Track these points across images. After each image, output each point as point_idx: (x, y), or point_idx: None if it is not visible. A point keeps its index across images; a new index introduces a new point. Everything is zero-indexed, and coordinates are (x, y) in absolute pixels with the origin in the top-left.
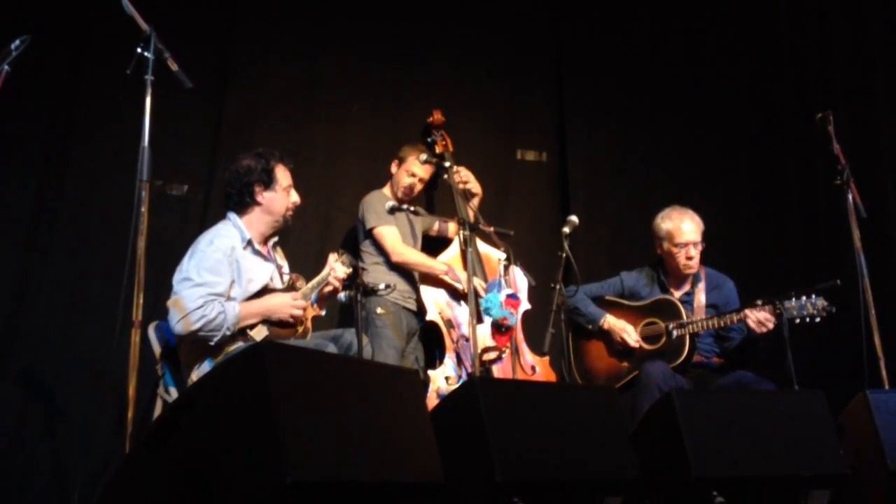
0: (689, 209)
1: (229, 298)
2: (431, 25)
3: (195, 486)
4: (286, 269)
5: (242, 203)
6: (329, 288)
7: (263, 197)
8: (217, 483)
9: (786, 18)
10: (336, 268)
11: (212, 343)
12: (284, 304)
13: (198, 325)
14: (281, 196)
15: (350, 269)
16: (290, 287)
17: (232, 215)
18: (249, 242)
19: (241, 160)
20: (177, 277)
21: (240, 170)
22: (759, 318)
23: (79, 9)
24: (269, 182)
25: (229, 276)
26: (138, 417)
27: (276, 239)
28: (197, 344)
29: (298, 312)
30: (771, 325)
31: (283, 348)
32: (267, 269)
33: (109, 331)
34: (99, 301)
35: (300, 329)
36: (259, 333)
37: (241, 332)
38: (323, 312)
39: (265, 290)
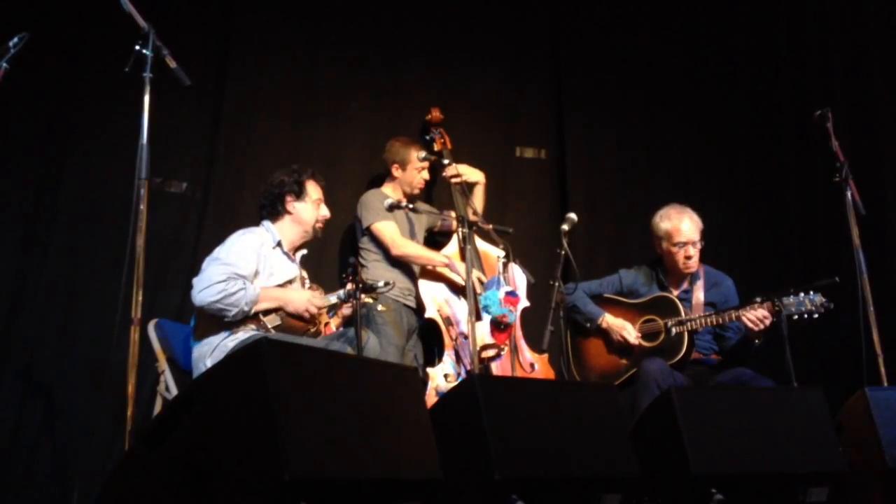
0: (688, 208)
1: None
2: (430, 23)
3: (194, 484)
4: (307, 282)
5: (274, 211)
6: (347, 307)
7: (294, 207)
8: (216, 480)
9: (784, 15)
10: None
11: (227, 318)
12: (302, 299)
13: (217, 297)
14: (310, 207)
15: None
16: None
17: (266, 222)
18: (279, 244)
19: (275, 175)
20: (206, 261)
21: (273, 182)
22: (756, 316)
23: (77, 6)
24: (299, 193)
25: (255, 264)
26: (138, 415)
27: (304, 251)
28: (214, 320)
29: (314, 310)
30: (767, 323)
31: (282, 346)
32: (291, 269)
33: (108, 329)
34: (98, 299)
35: (312, 329)
36: (272, 321)
37: (255, 317)
38: (318, 308)
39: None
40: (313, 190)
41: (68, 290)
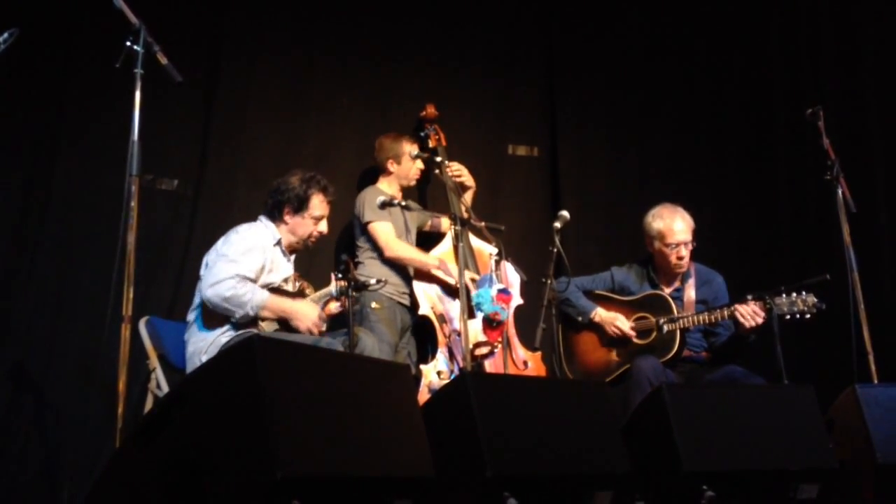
0: (680, 207)
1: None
2: (423, 20)
3: (185, 481)
4: (297, 279)
5: (272, 216)
6: (334, 305)
7: (291, 218)
8: (207, 478)
9: (776, 14)
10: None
11: (233, 319)
12: (308, 316)
13: (228, 294)
14: (307, 223)
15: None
16: (300, 293)
17: (264, 218)
18: (279, 242)
19: (291, 174)
20: (211, 256)
21: (282, 185)
22: (747, 311)
23: (68, 2)
24: (299, 208)
25: (261, 262)
26: (128, 413)
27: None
28: (216, 316)
29: (316, 330)
30: (760, 320)
31: (274, 343)
32: (287, 268)
33: (99, 326)
34: (88, 296)
35: None
36: (270, 326)
37: (254, 322)
38: (324, 327)
39: (277, 290)
40: (316, 206)
41: (59, 288)
